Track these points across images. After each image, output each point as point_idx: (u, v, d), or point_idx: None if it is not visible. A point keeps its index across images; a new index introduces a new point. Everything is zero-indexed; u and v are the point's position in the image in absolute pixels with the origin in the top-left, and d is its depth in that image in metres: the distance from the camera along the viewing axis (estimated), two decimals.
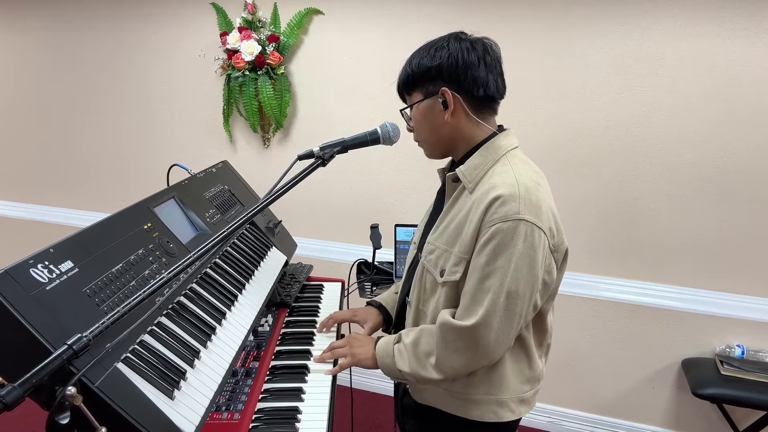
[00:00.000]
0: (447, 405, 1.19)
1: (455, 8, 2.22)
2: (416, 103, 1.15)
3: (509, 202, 1.02)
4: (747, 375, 1.96)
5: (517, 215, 1.02)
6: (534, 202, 1.04)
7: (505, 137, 1.14)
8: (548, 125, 2.19)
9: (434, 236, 1.17)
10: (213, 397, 1.00)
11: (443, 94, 1.10)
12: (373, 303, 1.47)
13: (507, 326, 1.06)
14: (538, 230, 1.03)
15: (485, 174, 1.10)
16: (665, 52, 2.00)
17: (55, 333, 0.80)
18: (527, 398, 1.20)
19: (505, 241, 1.02)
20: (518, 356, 1.17)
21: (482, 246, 1.05)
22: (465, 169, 1.12)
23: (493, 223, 1.03)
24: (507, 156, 1.12)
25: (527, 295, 1.05)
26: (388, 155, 2.46)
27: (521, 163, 1.12)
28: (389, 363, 1.19)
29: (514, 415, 1.18)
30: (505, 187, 1.04)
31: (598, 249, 2.25)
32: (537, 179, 1.10)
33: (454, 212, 1.15)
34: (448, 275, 1.11)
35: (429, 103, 1.13)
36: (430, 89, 1.12)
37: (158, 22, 2.72)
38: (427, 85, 1.12)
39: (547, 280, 1.10)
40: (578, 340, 2.36)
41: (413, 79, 1.14)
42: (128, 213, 1.18)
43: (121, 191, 3.04)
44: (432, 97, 1.12)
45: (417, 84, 1.14)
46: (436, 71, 1.10)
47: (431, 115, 1.14)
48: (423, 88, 1.13)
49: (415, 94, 1.15)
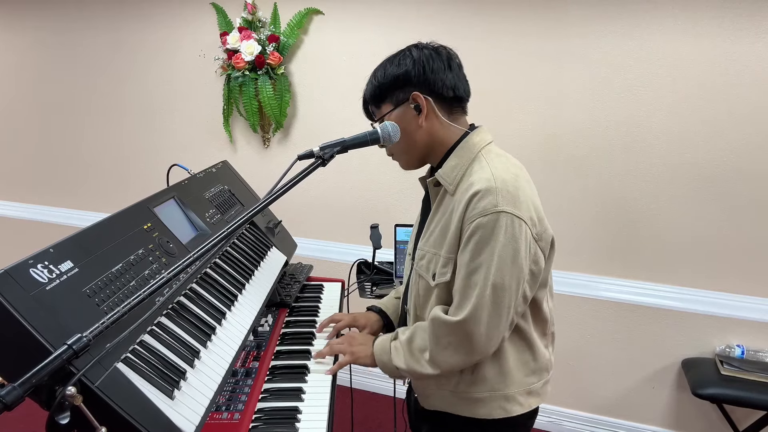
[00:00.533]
0: (454, 407, 1.19)
1: (455, 9, 2.22)
2: (387, 113, 1.15)
3: (487, 195, 1.03)
4: (747, 375, 1.96)
5: (496, 208, 1.02)
6: (512, 192, 1.04)
7: (478, 134, 1.15)
8: (548, 125, 2.19)
9: (423, 242, 1.18)
10: (213, 397, 1.00)
11: (415, 98, 1.11)
12: (373, 308, 1.47)
13: (496, 319, 1.06)
14: (518, 220, 1.03)
15: (464, 174, 1.11)
16: (665, 52, 2.00)
17: (55, 333, 0.80)
18: (536, 389, 1.20)
19: (487, 234, 1.03)
20: (520, 348, 1.17)
21: (465, 242, 1.06)
22: (443, 172, 1.13)
23: (473, 219, 1.04)
24: (482, 152, 1.12)
25: (513, 287, 1.05)
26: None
27: (496, 157, 1.12)
28: (386, 360, 1.19)
29: (524, 408, 1.17)
30: (481, 182, 1.04)
31: (598, 249, 2.25)
32: (514, 171, 1.10)
33: (439, 216, 1.15)
34: (439, 277, 1.12)
35: (401, 111, 1.14)
36: (401, 97, 1.13)
37: (158, 22, 2.72)
38: (397, 93, 1.13)
39: (534, 270, 1.10)
40: (578, 340, 2.36)
41: (381, 90, 1.15)
42: (128, 213, 1.18)
43: (121, 191, 3.04)
44: (403, 105, 1.13)
45: (386, 95, 1.14)
46: (405, 78, 1.11)
47: (404, 123, 1.14)
48: (392, 98, 1.14)
49: (385, 106, 1.16)
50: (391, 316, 1.44)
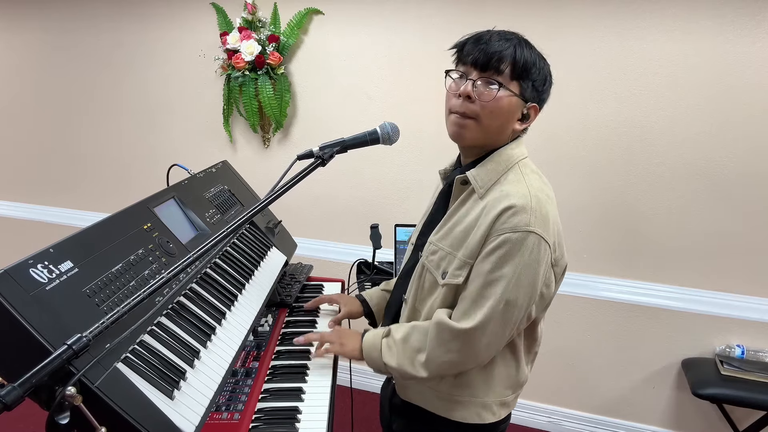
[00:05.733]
0: (431, 404, 1.21)
1: (455, 9, 2.22)
2: (506, 94, 1.06)
3: (521, 213, 1.02)
4: (747, 375, 1.96)
5: (527, 227, 1.02)
6: (544, 215, 1.04)
7: (518, 146, 1.14)
8: (548, 125, 2.19)
9: (437, 237, 1.17)
10: (213, 397, 1.00)
11: (532, 110, 1.10)
12: (359, 296, 1.52)
13: (500, 333, 1.08)
14: (544, 243, 1.04)
15: (497, 181, 1.10)
16: (665, 52, 2.00)
17: (55, 333, 0.80)
18: (509, 401, 1.23)
19: (513, 251, 1.02)
20: (508, 362, 1.19)
21: (488, 253, 1.05)
22: (477, 173, 1.11)
23: (502, 232, 1.03)
24: (519, 165, 1.12)
25: (524, 306, 1.07)
26: (387, 155, 2.46)
27: (533, 174, 1.12)
28: (375, 357, 1.20)
29: (495, 418, 1.20)
30: (517, 197, 1.04)
31: (598, 249, 2.25)
32: (547, 191, 1.11)
33: (460, 215, 1.14)
34: (451, 278, 1.11)
35: (517, 102, 1.08)
36: (528, 95, 1.08)
37: (158, 22, 2.72)
38: (531, 88, 1.08)
39: (544, 292, 1.11)
40: (578, 340, 2.36)
41: (531, 74, 1.06)
42: (128, 213, 1.17)
43: (121, 191, 3.04)
44: (521, 101, 1.08)
45: (526, 79, 1.06)
46: (546, 90, 1.11)
47: (509, 114, 1.08)
48: (526, 87, 1.07)
49: (514, 84, 1.06)
50: (374, 308, 1.47)
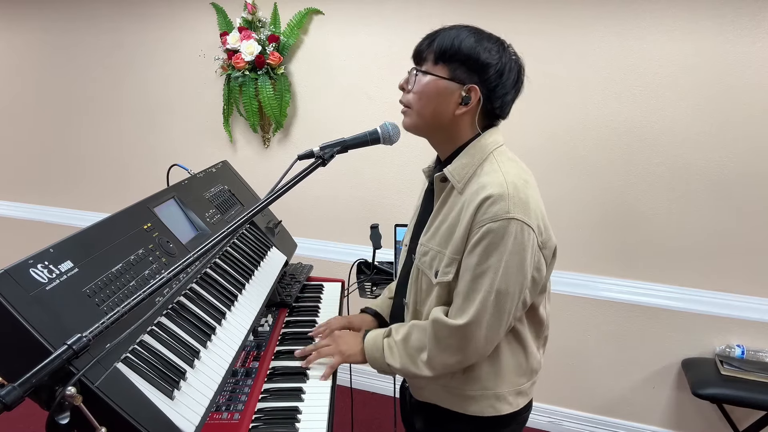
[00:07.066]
0: (445, 401, 1.20)
1: (455, 9, 2.22)
2: (437, 77, 1.07)
3: (499, 201, 1.02)
4: (747, 375, 1.96)
5: (507, 214, 1.02)
6: (523, 199, 1.04)
7: (491, 135, 1.13)
8: (548, 125, 2.19)
9: (426, 238, 1.17)
10: (213, 397, 1.00)
11: (472, 91, 1.06)
12: (368, 311, 1.47)
13: (497, 324, 1.07)
14: (527, 228, 1.03)
15: (474, 173, 1.10)
16: (665, 52, 2.00)
17: (55, 333, 0.80)
18: (524, 390, 1.22)
19: (496, 240, 1.03)
20: (515, 350, 1.18)
21: (473, 246, 1.05)
22: (453, 168, 1.12)
23: (483, 223, 1.03)
24: (494, 154, 1.11)
25: (516, 293, 1.06)
26: (387, 155, 2.46)
27: (508, 161, 1.11)
28: (378, 357, 1.20)
29: (512, 408, 1.19)
30: (494, 187, 1.04)
31: (598, 249, 2.25)
32: (525, 177, 1.10)
33: (444, 213, 1.14)
34: (441, 276, 1.11)
35: (450, 86, 1.07)
36: (460, 76, 1.06)
37: (158, 22, 2.72)
38: (461, 69, 1.06)
39: (536, 277, 1.10)
40: (578, 340, 2.36)
41: (453, 55, 1.06)
42: (128, 213, 1.17)
43: (121, 191, 3.04)
44: (456, 83, 1.07)
45: (452, 60, 1.06)
46: (481, 67, 1.05)
47: (443, 98, 1.08)
48: (454, 69, 1.06)
49: (441, 67, 1.07)
50: (386, 318, 1.43)
